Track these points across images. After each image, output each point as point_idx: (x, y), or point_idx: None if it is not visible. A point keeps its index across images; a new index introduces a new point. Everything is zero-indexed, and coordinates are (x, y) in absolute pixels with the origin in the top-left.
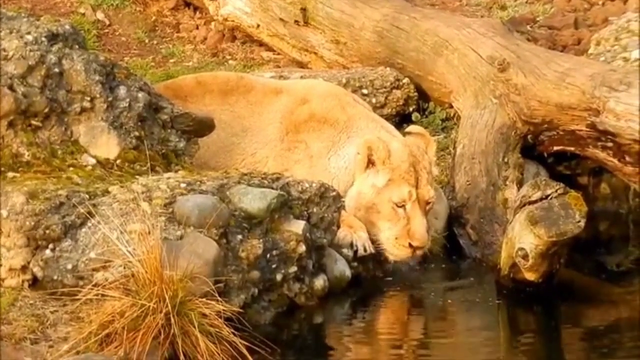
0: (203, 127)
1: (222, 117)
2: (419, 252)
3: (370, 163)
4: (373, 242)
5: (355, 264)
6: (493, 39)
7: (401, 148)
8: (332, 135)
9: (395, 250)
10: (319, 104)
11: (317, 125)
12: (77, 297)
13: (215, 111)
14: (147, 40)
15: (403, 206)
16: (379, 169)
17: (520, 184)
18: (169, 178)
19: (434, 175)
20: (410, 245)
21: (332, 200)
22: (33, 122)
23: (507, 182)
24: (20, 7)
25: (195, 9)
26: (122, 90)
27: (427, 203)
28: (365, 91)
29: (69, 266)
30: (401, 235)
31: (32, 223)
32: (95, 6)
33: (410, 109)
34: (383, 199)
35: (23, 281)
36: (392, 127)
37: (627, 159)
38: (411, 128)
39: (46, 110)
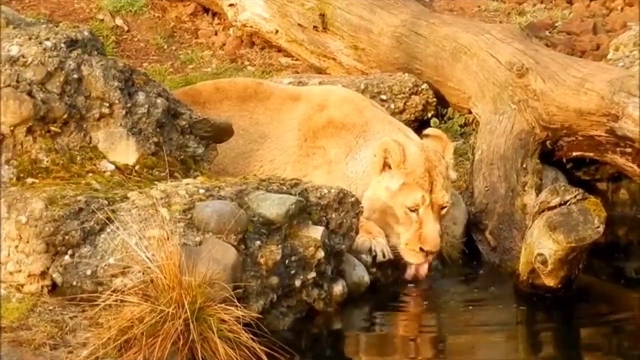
0: (221, 133)
1: (241, 123)
2: (431, 257)
3: (386, 165)
4: (390, 246)
5: (374, 269)
6: (512, 44)
7: (417, 152)
8: (350, 140)
9: (407, 255)
10: (337, 110)
11: (335, 130)
12: (96, 302)
13: (233, 117)
14: (165, 46)
15: (416, 210)
16: (393, 172)
17: (539, 189)
18: (187, 184)
19: (452, 179)
20: (422, 250)
21: (350, 206)
22: (52, 128)
23: (526, 188)
24: (38, 13)
25: (214, 14)
26: (140, 96)
27: (442, 208)
28: (383, 97)
29: (88, 272)
30: (412, 239)
31: (51, 229)
32: (114, 12)
33: (429, 115)
34: (396, 202)
35: (42, 287)
36: (409, 130)
37: None
38: (428, 130)
39: (65, 116)
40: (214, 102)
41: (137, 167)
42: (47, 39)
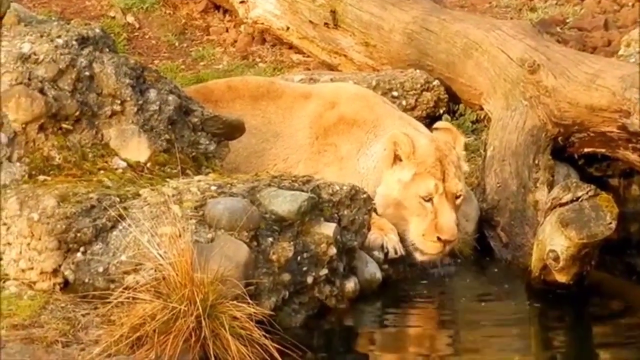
0: (233, 130)
1: (253, 122)
2: (448, 247)
3: (396, 158)
4: (403, 241)
5: (386, 266)
6: (523, 40)
7: (427, 143)
8: (361, 136)
9: (425, 247)
10: (348, 107)
11: (346, 127)
12: (108, 300)
13: (246, 116)
14: (177, 43)
15: (430, 200)
16: (404, 163)
17: (550, 185)
18: (199, 181)
19: (464, 170)
20: (439, 240)
21: (362, 202)
22: (64, 125)
23: (538, 184)
24: (50, 10)
25: (225, 11)
26: (152, 94)
27: (456, 197)
28: (395, 93)
29: (100, 269)
30: (429, 230)
31: (64, 226)
32: (125, 9)
33: (441, 111)
34: (410, 193)
35: (54, 284)
36: (419, 124)
37: None
38: (438, 124)
39: (77, 113)
40: (226, 100)
41: (148, 164)
42: (59, 37)
